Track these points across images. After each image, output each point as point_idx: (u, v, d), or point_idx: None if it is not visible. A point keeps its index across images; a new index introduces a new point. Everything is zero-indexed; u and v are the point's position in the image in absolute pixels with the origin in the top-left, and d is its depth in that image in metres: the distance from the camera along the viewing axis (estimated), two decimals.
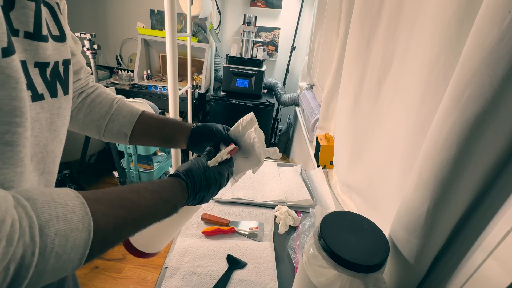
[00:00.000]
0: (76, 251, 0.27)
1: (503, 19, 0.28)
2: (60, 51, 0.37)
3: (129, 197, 0.34)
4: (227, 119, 2.31)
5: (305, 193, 0.96)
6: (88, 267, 1.54)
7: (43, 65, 0.34)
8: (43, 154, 0.37)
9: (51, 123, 0.37)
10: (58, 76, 0.37)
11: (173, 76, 1.29)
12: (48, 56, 0.34)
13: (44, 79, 0.35)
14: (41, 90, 0.34)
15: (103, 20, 2.62)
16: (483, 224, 0.36)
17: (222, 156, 0.50)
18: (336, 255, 0.40)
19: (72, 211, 0.27)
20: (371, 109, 0.76)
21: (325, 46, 1.43)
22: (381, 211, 0.65)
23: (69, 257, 0.26)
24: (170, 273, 0.64)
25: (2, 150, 0.28)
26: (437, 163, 0.37)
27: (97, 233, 0.28)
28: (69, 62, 0.39)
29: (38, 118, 0.35)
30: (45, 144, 0.37)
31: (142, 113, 0.58)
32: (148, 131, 0.58)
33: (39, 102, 0.34)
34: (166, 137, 0.58)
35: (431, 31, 0.50)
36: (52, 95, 0.36)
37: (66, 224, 0.26)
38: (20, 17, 0.30)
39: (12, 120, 0.28)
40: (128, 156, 1.84)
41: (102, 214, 0.30)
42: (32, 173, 0.36)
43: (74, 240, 0.26)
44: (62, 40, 0.38)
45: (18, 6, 0.30)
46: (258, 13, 2.46)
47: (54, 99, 0.37)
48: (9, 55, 0.27)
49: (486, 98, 0.31)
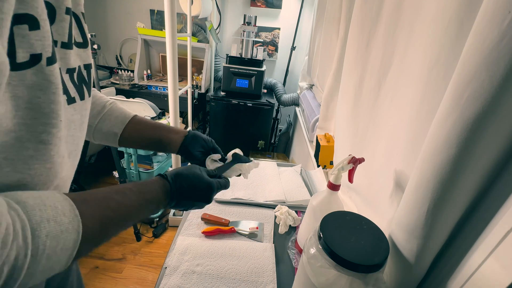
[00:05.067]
0: (65, 252, 0.28)
1: (503, 19, 0.28)
2: (82, 56, 0.40)
3: (116, 198, 0.36)
4: (227, 119, 2.31)
5: (305, 193, 0.96)
6: (88, 267, 1.55)
7: (71, 71, 0.37)
8: (76, 152, 0.41)
9: (82, 123, 0.41)
10: (83, 80, 0.40)
11: (173, 76, 1.29)
12: (73, 62, 0.37)
13: (74, 83, 0.38)
14: (73, 94, 0.38)
15: (103, 20, 2.62)
16: (483, 224, 0.36)
17: None
18: (336, 255, 0.40)
19: (62, 213, 0.28)
20: (371, 109, 0.76)
21: (325, 46, 1.43)
22: (381, 211, 0.65)
23: (58, 258, 0.28)
24: (169, 271, 0.64)
25: (37, 148, 0.31)
26: (437, 163, 0.37)
27: (85, 234, 0.30)
28: (91, 66, 0.43)
29: (73, 120, 0.38)
30: (78, 143, 0.41)
31: (135, 116, 0.61)
32: (139, 133, 0.60)
33: (72, 105, 0.38)
34: (158, 140, 0.60)
35: (431, 31, 0.50)
36: (81, 98, 0.40)
37: (56, 226, 0.27)
38: (58, 30, 0.33)
39: (49, 121, 0.31)
40: (128, 156, 1.84)
41: (89, 216, 0.31)
42: (70, 169, 0.39)
43: (64, 242, 0.28)
44: (84, 46, 0.41)
45: (57, 20, 0.33)
46: (258, 13, 2.46)
47: (83, 101, 0.40)
48: (52, 64, 0.30)
49: (486, 98, 0.31)
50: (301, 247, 0.71)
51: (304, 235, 0.69)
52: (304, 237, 0.67)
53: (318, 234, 0.45)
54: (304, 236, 0.68)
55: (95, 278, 1.49)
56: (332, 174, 0.61)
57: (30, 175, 0.31)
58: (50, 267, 0.27)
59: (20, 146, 0.29)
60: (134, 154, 1.81)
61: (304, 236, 0.68)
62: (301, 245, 0.72)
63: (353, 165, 0.60)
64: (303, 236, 0.69)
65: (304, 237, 0.65)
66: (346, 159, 0.59)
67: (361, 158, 0.61)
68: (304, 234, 0.69)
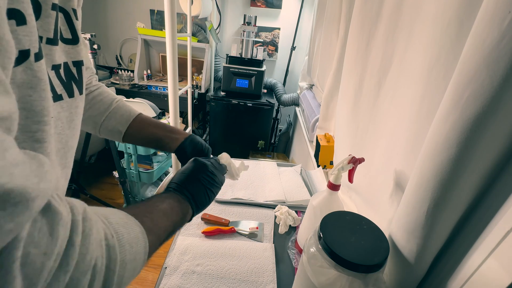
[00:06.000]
0: (132, 278, 0.33)
1: (503, 19, 0.28)
2: (70, 53, 0.40)
3: (167, 229, 0.42)
4: (227, 119, 2.31)
5: (305, 193, 0.96)
6: None
7: (56, 67, 0.37)
8: (65, 150, 0.41)
9: (71, 121, 0.41)
10: (72, 77, 0.40)
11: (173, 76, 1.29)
12: (58, 58, 0.37)
13: (61, 80, 0.37)
14: (59, 91, 0.37)
15: (103, 20, 2.62)
16: (483, 224, 0.36)
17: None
18: (336, 255, 0.40)
19: (142, 247, 0.34)
20: (371, 109, 0.76)
21: (325, 46, 1.43)
22: (381, 211, 0.65)
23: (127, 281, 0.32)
24: (169, 271, 0.64)
25: (33, 147, 0.31)
26: (437, 163, 0.37)
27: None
28: (82, 64, 0.42)
29: (60, 117, 0.38)
30: (66, 141, 0.41)
31: (140, 115, 0.62)
32: (142, 131, 0.61)
33: (59, 102, 0.37)
34: (159, 138, 0.62)
35: (431, 31, 0.50)
36: (69, 95, 0.39)
37: (134, 261, 0.32)
38: (44, 25, 0.33)
39: (41, 119, 0.31)
40: (128, 156, 1.84)
41: (151, 244, 0.37)
42: (57, 168, 0.39)
43: (134, 270, 0.32)
44: (74, 43, 0.40)
45: (43, 15, 0.32)
46: (258, 13, 2.46)
47: (72, 99, 0.40)
48: (39, 60, 0.30)
49: (486, 98, 0.31)
50: (301, 247, 0.71)
51: (304, 235, 0.69)
52: (304, 237, 0.67)
53: (318, 234, 0.45)
54: (304, 236, 0.68)
55: None
56: (332, 174, 0.61)
57: None
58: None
59: None
60: (134, 154, 1.81)
61: (304, 236, 0.68)
62: (301, 245, 0.72)
63: (353, 165, 0.60)
64: (303, 236, 0.69)
65: (304, 237, 0.65)
66: (346, 159, 0.59)
67: (361, 158, 0.61)
68: (304, 234, 0.69)
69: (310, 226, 0.66)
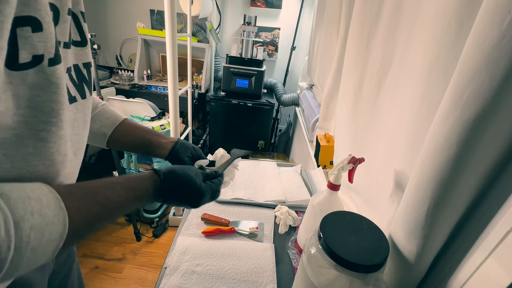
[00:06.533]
0: (50, 244, 0.28)
1: (503, 19, 0.28)
2: (79, 55, 0.40)
3: (104, 194, 0.36)
4: (227, 119, 2.30)
5: (305, 193, 0.96)
6: (88, 267, 1.55)
7: (69, 70, 0.37)
8: (82, 149, 0.42)
9: (85, 122, 0.42)
10: (83, 78, 0.41)
11: (173, 76, 1.29)
12: (69, 61, 0.38)
13: (73, 82, 0.38)
14: (73, 93, 0.38)
15: (103, 20, 2.62)
16: (483, 224, 0.36)
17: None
18: (336, 255, 0.40)
19: (47, 206, 0.28)
20: (371, 109, 0.76)
21: (325, 46, 1.43)
22: (381, 211, 0.65)
23: (44, 250, 0.28)
24: (169, 271, 0.64)
25: (36, 145, 0.32)
26: (437, 163, 0.37)
27: (71, 227, 0.30)
28: (90, 65, 0.43)
29: (76, 118, 0.39)
30: (83, 141, 0.42)
31: (126, 119, 0.61)
32: (129, 135, 0.60)
33: (74, 104, 0.38)
34: (147, 143, 0.60)
35: (431, 31, 0.50)
36: (82, 96, 0.40)
37: (41, 219, 0.27)
38: (62, 31, 0.34)
39: (48, 120, 0.32)
40: (128, 156, 1.84)
41: (76, 209, 0.31)
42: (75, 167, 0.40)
43: (50, 234, 0.28)
44: (82, 45, 0.41)
45: (61, 21, 0.34)
46: (258, 13, 2.46)
47: (84, 100, 0.41)
48: (54, 65, 0.31)
49: (486, 98, 0.31)
50: (301, 247, 0.71)
51: (304, 235, 0.69)
52: (304, 237, 0.67)
53: (318, 234, 0.45)
54: (304, 236, 0.68)
55: (95, 278, 1.49)
56: (332, 174, 0.61)
57: (28, 171, 0.32)
58: (35, 259, 0.28)
59: (19, 143, 0.30)
60: (134, 154, 1.81)
61: (304, 236, 0.68)
62: (301, 245, 0.72)
63: (353, 165, 0.60)
64: (303, 236, 0.69)
65: (304, 237, 0.65)
66: (346, 159, 0.59)
67: (361, 158, 0.61)
68: (304, 234, 0.69)
69: (310, 226, 0.66)
